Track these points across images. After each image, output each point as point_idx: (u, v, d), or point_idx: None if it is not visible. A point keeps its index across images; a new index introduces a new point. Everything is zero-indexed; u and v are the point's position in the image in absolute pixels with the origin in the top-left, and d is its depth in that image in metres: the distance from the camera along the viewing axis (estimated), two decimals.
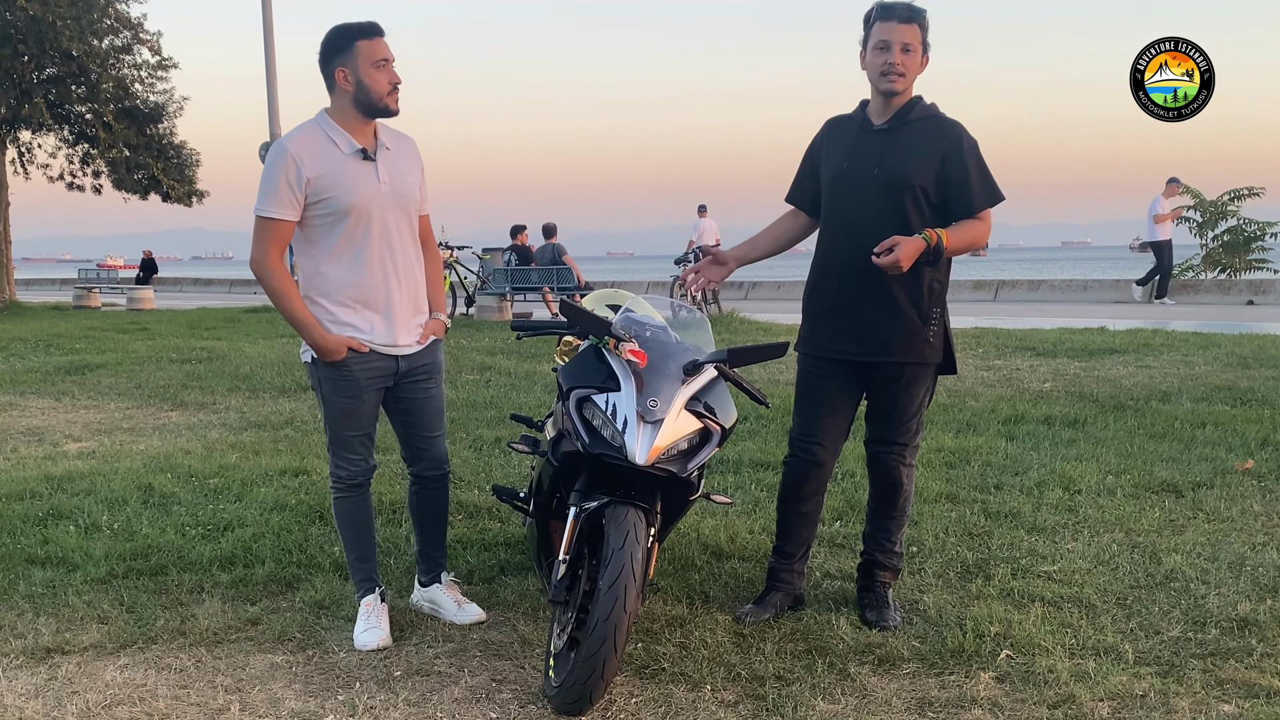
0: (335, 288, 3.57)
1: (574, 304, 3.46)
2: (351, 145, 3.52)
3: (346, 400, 3.64)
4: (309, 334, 3.55)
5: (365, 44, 3.48)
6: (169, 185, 23.87)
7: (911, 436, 3.85)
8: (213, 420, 8.08)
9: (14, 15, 20.92)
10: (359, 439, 3.72)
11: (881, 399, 3.82)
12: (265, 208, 3.48)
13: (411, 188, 3.66)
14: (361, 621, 3.72)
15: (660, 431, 3.18)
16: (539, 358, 10.99)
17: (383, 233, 3.57)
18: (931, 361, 3.77)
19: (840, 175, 3.77)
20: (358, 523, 3.80)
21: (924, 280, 3.69)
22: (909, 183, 3.63)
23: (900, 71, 3.62)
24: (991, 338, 12.21)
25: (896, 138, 3.69)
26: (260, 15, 21.37)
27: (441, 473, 3.90)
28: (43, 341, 13.93)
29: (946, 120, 3.71)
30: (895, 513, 3.89)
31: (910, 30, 3.63)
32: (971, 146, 3.68)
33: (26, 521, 5.08)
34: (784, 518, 3.97)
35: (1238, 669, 3.30)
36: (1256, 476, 5.62)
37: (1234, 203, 27.31)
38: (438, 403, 3.83)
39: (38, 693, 3.32)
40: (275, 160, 3.48)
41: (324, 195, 3.48)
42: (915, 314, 3.70)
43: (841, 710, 3.12)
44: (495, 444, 6.76)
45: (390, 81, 3.50)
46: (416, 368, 3.73)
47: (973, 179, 3.66)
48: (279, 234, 3.51)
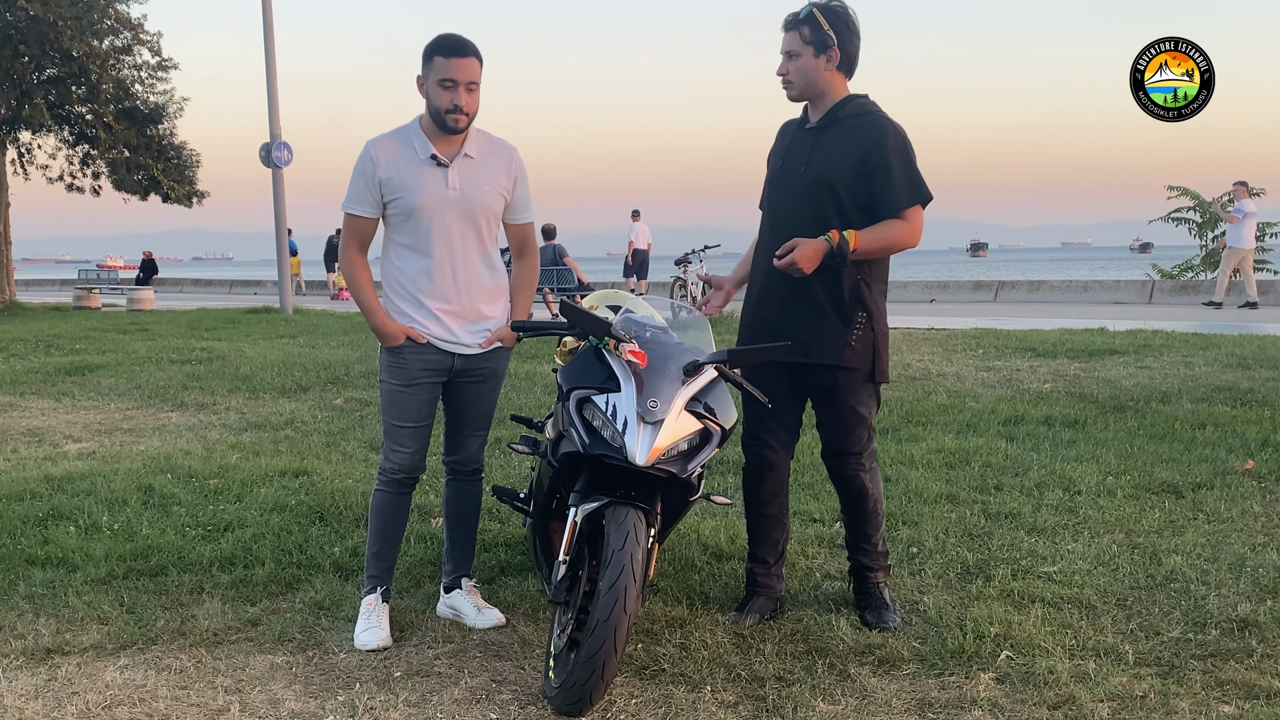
0: (401, 281, 3.76)
1: (574, 305, 3.46)
2: (427, 150, 3.70)
3: (398, 388, 3.78)
4: (372, 319, 3.75)
5: (440, 60, 3.63)
6: (169, 186, 23.85)
7: (864, 445, 3.81)
8: (213, 421, 8.08)
9: (14, 16, 20.91)
10: (407, 431, 3.80)
11: (822, 407, 3.81)
12: (348, 204, 3.75)
13: (487, 196, 3.76)
14: (362, 621, 3.73)
15: (660, 432, 3.18)
16: (539, 358, 11.00)
17: (444, 235, 3.72)
18: (854, 366, 3.69)
19: (774, 176, 3.80)
20: (388, 519, 3.87)
21: (845, 282, 3.64)
22: (831, 181, 3.61)
23: (788, 80, 3.68)
24: (991, 338, 12.21)
25: (826, 136, 3.69)
26: (260, 16, 21.38)
27: (472, 467, 4.00)
28: (43, 342, 13.93)
29: (879, 117, 3.66)
30: (867, 516, 3.87)
31: (791, 38, 3.67)
32: (898, 144, 3.60)
33: (26, 522, 5.08)
34: (751, 522, 3.97)
35: (1238, 670, 3.30)
36: (1257, 477, 5.62)
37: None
38: (488, 406, 3.94)
39: (38, 693, 3.32)
40: (359, 160, 3.73)
41: (394, 195, 3.69)
42: (836, 316, 3.66)
43: (841, 711, 3.12)
44: (495, 445, 6.76)
45: (452, 102, 3.62)
46: (474, 369, 3.83)
47: (895, 176, 3.58)
48: (359, 229, 3.77)
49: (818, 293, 3.64)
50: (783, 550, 3.97)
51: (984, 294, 24.11)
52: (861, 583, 3.88)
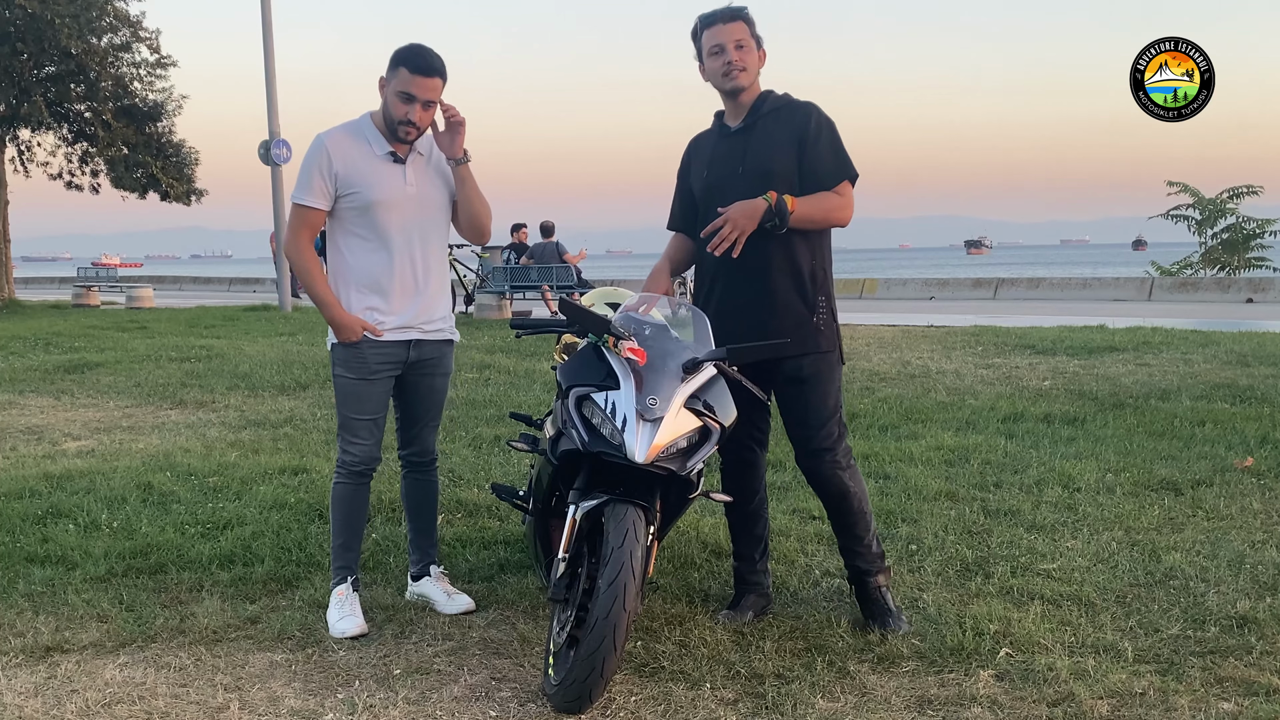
0: (357, 275, 3.79)
1: (573, 302, 3.46)
2: (384, 147, 3.76)
3: (356, 381, 3.82)
4: (329, 312, 3.77)
5: (405, 73, 3.67)
6: (168, 184, 23.82)
7: (836, 440, 3.75)
8: (212, 419, 8.08)
9: (13, 13, 20.88)
10: (365, 424, 3.86)
11: (792, 405, 3.76)
12: (299, 195, 3.75)
13: (440, 192, 3.87)
14: (335, 610, 3.78)
15: (659, 430, 3.18)
16: (538, 356, 10.99)
17: (402, 231, 3.78)
18: (827, 349, 3.72)
19: (707, 184, 3.77)
20: (351, 510, 3.91)
21: (803, 267, 3.68)
22: (773, 173, 3.63)
23: (741, 66, 3.67)
24: (991, 336, 12.21)
25: (754, 134, 3.71)
26: (260, 14, 21.37)
27: (428, 459, 4.06)
28: (42, 340, 13.92)
29: (799, 104, 3.73)
30: (854, 517, 3.78)
31: (737, 28, 3.68)
32: (822, 123, 3.68)
33: (26, 520, 5.08)
34: (732, 520, 3.97)
35: (1237, 667, 3.30)
36: (1256, 474, 5.62)
37: (1233, 201, 27.34)
38: (440, 397, 4.03)
39: (37, 691, 3.32)
40: (311, 153, 3.75)
41: (350, 190, 3.73)
42: (800, 303, 3.68)
43: (841, 708, 3.12)
44: (494, 442, 6.76)
45: (406, 115, 3.67)
46: (426, 359, 3.91)
47: (824, 153, 3.66)
48: (309, 221, 3.78)
49: (778, 283, 3.66)
50: (765, 545, 3.97)
51: (983, 291, 24.10)
52: (862, 589, 3.80)
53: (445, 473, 5.96)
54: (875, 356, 10.77)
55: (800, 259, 3.67)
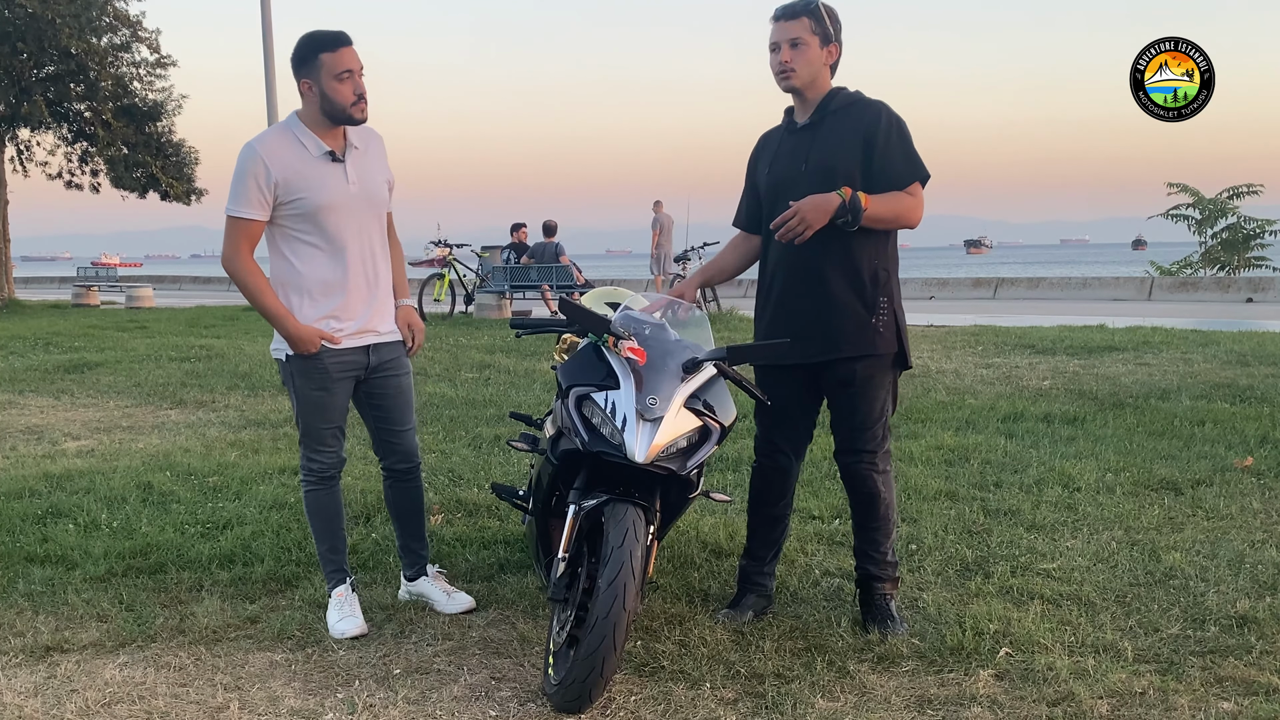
0: (308, 283, 3.69)
1: (573, 302, 3.46)
2: (320, 148, 3.63)
3: (318, 392, 3.74)
4: (283, 325, 3.66)
5: (328, 56, 3.56)
6: (167, 183, 23.81)
7: (880, 443, 3.72)
8: (212, 418, 8.08)
9: (13, 13, 20.88)
10: (330, 431, 3.82)
11: (840, 405, 3.72)
12: (235, 208, 3.59)
13: (380, 186, 3.78)
14: (335, 611, 3.77)
15: (659, 429, 3.18)
16: (538, 356, 10.99)
17: (353, 230, 3.68)
18: (884, 352, 3.65)
19: (771, 180, 3.72)
20: (329, 515, 3.89)
21: (864, 267, 3.61)
22: (838, 170, 3.56)
23: (791, 68, 3.60)
24: (991, 335, 12.21)
25: (820, 131, 3.65)
26: (259, 13, 21.37)
27: (412, 465, 3.99)
28: (42, 340, 13.92)
29: (869, 102, 3.66)
30: (878, 522, 3.75)
31: (796, 25, 3.59)
32: (893, 122, 3.60)
33: (26, 520, 5.08)
34: (753, 521, 3.94)
35: (1237, 666, 3.30)
36: (1256, 474, 5.62)
37: (1233, 200, 27.31)
38: (407, 396, 3.92)
39: (37, 691, 3.32)
40: (245, 162, 3.59)
41: (294, 196, 3.59)
42: (859, 304, 3.61)
43: (840, 708, 3.12)
44: (494, 442, 6.77)
45: (355, 92, 3.58)
46: (386, 361, 3.83)
47: (895, 153, 3.58)
48: (249, 233, 3.62)
49: (840, 285, 3.59)
50: (779, 550, 3.96)
51: (983, 291, 24.10)
52: (868, 594, 3.76)
53: (446, 472, 5.97)
54: None
55: (861, 259, 3.60)
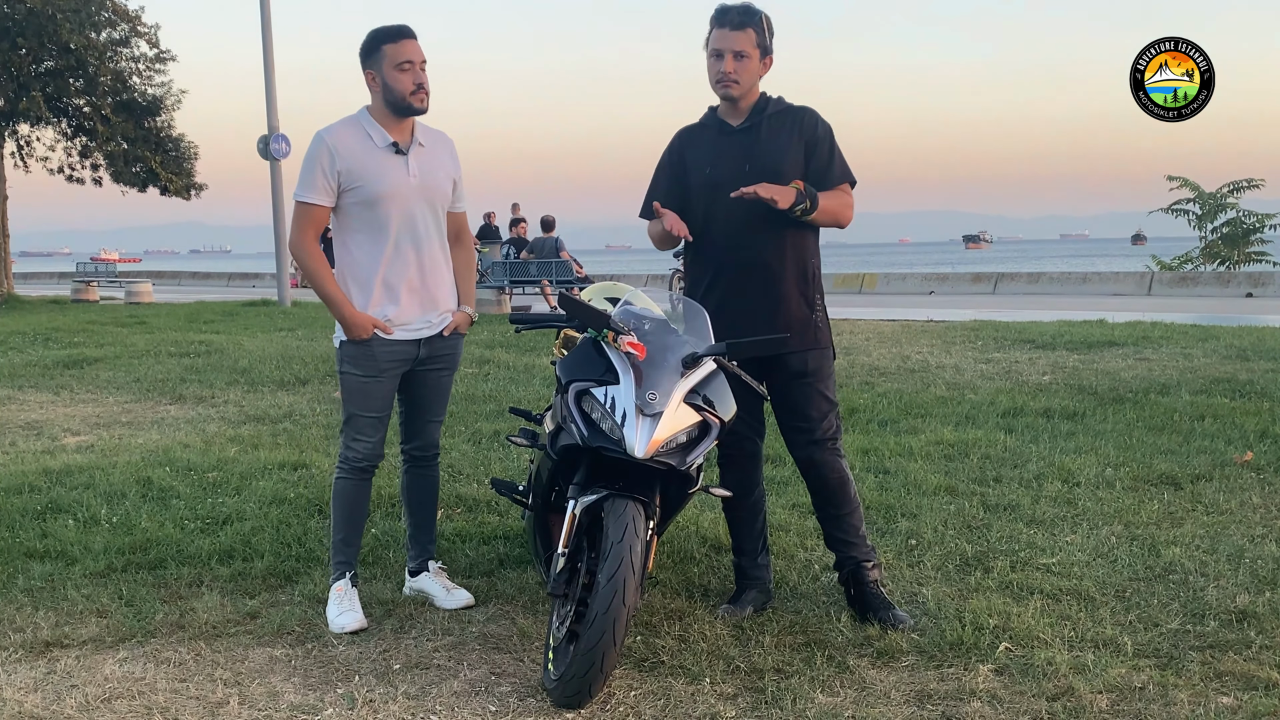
0: (364, 271, 3.80)
1: (573, 297, 3.46)
2: (385, 139, 3.75)
3: (365, 379, 3.81)
4: (339, 310, 3.77)
5: (390, 47, 3.70)
6: (167, 178, 23.82)
7: (836, 431, 3.83)
8: (211, 414, 8.07)
9: (12, 8, 20.88)
10: (371, 421, 3.85)
11: (797, 396, 3.77)
12: (303, 193, 3.73)
13: (442, 183, 3.87)
14: (335, 605, 3.78)
15: (659, 424, 3.18)
16: (538, 351, 10.99)
17: (408, 223, 3.78)
18: (825, 345, 3.79)
19: (708, 180, 3.74)
20: (353, 506, 3.91)
21: (806, 265, 3.75)
22: (783, 172, 3.65)
23: (734, 79, 3.65)
24: (990, 330, 12.21)
25: (759, 134, 3.72)
26: (259, 9, 21.34)
27: (432, 453, 4.06)
28: (41, 335, 13.92)
29: (799, 108, 3.78)
30: (851, 505, 3.83)
31: (742, 37, 3.63)
32: (827, 130, 3.77)
33: (25, 515, 5.07)
34: (732, 515, 3.96)
35: (1236, 661, 3.30)
36: (1255, 469, 5.62)
37: (1233, 195, 27.30)
38: (446, 390, 4.04)
39: (37, 686, 3.32)
40: (313, 150, 3.73)
41: (355, 184, 3.71)
42: (803, 301, 3.74)
43: (840, 703, 3.13)
44: (494, 437, 6.76)
45: (415, 82, 3.70)
46: (436, 355, 3.91)
47: (833, 158, 3.74)
48: (314, 218, 3.76)
49: (783, 281, 3.71)
50: (765, 539, 3.98)
51: (983, 286, 24.10)
52: (859, 585, 3.77)
53: (445, 468, 5.96)
54: (875, 351, 10.77)
55: (805, 256, 3.75)
